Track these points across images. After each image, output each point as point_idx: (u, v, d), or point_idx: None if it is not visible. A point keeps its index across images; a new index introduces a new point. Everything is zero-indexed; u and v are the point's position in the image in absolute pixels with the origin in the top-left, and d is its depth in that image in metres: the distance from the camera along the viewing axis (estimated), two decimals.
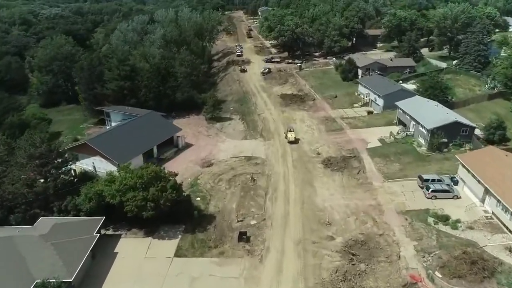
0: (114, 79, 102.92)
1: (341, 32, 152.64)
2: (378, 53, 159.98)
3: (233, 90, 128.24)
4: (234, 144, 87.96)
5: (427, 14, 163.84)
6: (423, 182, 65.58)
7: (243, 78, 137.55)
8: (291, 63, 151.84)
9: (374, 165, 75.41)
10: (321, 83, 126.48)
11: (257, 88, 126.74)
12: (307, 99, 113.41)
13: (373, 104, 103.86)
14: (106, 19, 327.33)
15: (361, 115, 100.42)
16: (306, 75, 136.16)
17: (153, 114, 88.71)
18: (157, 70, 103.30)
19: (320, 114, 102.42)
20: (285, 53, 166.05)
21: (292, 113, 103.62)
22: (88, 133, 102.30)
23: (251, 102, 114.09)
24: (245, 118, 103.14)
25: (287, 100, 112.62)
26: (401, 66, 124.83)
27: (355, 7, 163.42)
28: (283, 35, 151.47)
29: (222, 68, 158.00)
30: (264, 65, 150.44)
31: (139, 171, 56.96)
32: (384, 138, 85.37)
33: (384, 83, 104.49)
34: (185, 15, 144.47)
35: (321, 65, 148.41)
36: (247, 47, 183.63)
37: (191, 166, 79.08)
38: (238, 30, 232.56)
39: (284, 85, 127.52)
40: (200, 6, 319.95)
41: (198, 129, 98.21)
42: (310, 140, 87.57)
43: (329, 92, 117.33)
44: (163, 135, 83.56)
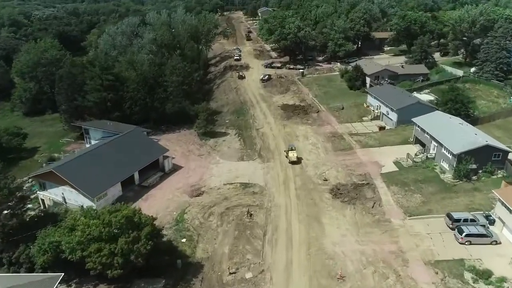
0: (96, 90, 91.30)
1: (346, 35, 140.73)
2: (386, 57, 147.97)
3: (230, 99, 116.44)
4: (228, 166, 76.24)
5: (438, 16, 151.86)
6: (453, 222, 53.96)
7: (241, 86, 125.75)
8: (293, 68, 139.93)
9: (391, 195, 63.74)
10: (326, 92, 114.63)
11: (256, 97, 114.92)
12: (311, 111, 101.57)
13: (385, 118, 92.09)
14: (103, 19, 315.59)
15: (372, 130, 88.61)
16: (309, 82, 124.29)
17: (136, 132, 76.99)
18: (143, 79, 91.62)
19: (325, 129, 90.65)
20: (286, 57, 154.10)
21: (295, 128, 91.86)
22: (67, 150, 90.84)
23: (249, 114, 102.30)
24: (242, 133, 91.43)
25: (288, 112, 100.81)
26: (413, 74, 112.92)
27: (361, 9, 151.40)
28: (284, 39, 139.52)
29: (219, 74, 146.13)
30: (263, 71, 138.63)
31: (107, 216, 45.25)
32: (400, 160, 73.63)
33: (397, 94, 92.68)
34: (179, 18, 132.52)
35: (325, 71, 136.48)
36: (245, 51, 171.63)
37: (177, 195, 67.43)
38: (237, 32, 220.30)
39: (286, 94, 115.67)
40: (198, 7, 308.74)
41: (188, 147, 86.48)
42: (316, 162, 75.83)
43: (334, 102, 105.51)
44: (147, 157, 71.88)
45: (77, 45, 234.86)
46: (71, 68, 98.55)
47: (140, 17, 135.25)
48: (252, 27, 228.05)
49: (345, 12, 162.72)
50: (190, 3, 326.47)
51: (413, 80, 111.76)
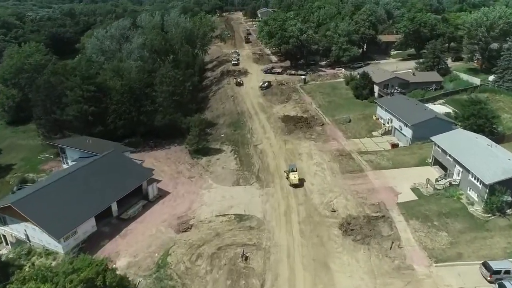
0: (76, 102, 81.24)
1: (351, 39, 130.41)
2: (393, 62, 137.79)
3: (226, 109, 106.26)
4: (222, 192, 66.12)
5: (448, 19, 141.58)
6: (492, 274, 43.91)
7: (238, 94, 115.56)
8: (294, 74, 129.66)
9: (412, 233, 53.66)
10: (330, 102, 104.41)
11: (255, 107, 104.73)
12: (315, 123, 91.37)
13: (397, 133, 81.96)
14: (99, 20, 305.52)
15: (383, 148, 78.41)
16: (312, 90, 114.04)
17: (117, 153, 66.84)
18: (129, 90, 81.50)
19: (331, 145, 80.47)
20: (286, 61, 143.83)
21: (297, 144, 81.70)
22: (43, 169, 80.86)
23: (246, 128, 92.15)
24: (238, 150, 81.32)
25: (290, 125, 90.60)
26: (425, 82, 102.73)
27: (366, 10, 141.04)
28: (286, 42, 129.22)
29: (216, 80, 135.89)
30: (263, 77, 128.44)
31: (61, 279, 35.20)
32: (419, 186, 63.50)
33: (410, 106, 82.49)
34: (172, 20, 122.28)
35: (329, 77, 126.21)
36: (244, 54, 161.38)
37: (162, 230, 57.38)
38: (236, 34, 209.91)
39: (287, 104, 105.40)
40: (196, 7, 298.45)
41: (178, 167, 76.38)
42: (321, 187, 65.70)
43: (340, 114, 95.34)
44: (128, 184, 61.83)
45: (72, 47, 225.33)
46: (50, 76, 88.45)
47: (131, 19, 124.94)
48: (252, 28, 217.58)
49: (349, 14, 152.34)
50: (188, 3, 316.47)
51: (425, 89, 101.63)
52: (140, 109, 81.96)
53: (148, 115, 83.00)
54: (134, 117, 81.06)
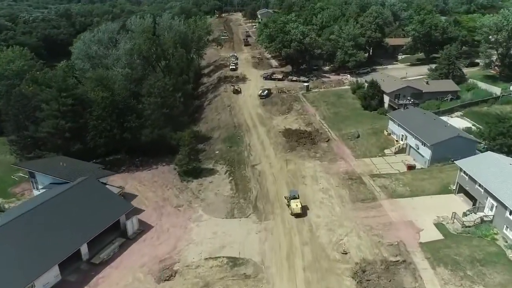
0: (52, 117, 71.44)
1: (357, 42, 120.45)
2: (401, 67, 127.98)
3: (222, 121, 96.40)
4: (213, 227, 56.34)
5: (461, 21, 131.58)
6: None
7: (236, 103, 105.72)
8: (296, 80, 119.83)
9: (442, 286, 43.81)
10: (336, 113, 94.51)
11: (253, 118, 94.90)
12: (320, 138, 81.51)
13: (413, 151, 72.12)
14: (96, 21, 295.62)
15: (398, 170, 68.48)
16: (316, 99, 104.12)
17: (91, 182, 56.95)
18: (110, 104, 71.68)
19: (339, 166, 70.61)
20: (287, 66, 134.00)
21: (300, 164, 71.86)
22: (15, 192, 71.06)
23: (243, 143, 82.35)
24: (233, 172, 71.52)
25: (292, 141, 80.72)
26: (440, 92, 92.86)
27: (372, 12, 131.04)
28: (287, 46, 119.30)
29: (212, 86, 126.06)
30: (262, 83, 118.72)
31: None
32: (443, 221, 53.78)
33: (428, 122, 72.57)
34: (165, 23, 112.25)
35: (333, 84, 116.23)
36: (243, 58, 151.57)
37: (140, 277, 47.60)
38: (235, 36, 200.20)
39: (288, 115, 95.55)
40: (195, 8, 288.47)
41: (165, 192, 66.55)
42: (329, 220, 55.92)
43: (348, 127, 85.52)
44: (104, 219, 52.11)
45: (66, 49, 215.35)
46: (26, 86, 78.77)
47: (121, 22, 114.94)
48: (251, 30, 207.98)
49: (354, 16, 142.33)
50: (186, 4, 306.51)
51: (440, 100, 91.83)
52: (124, 125, 72.04)
53: (133, 131, 73.13)
54: (116, 134, 71.21)
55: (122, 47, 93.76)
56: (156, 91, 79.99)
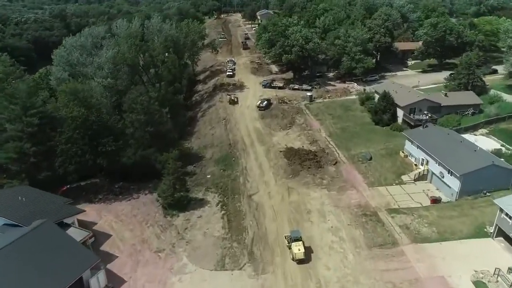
0: (15, 139, 60.55)
1: (365, 48, 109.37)
2: (412, 74, 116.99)
3: (216, 136, 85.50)
4: (199, 284, 45.39)
5: (477, 24, 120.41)
6: None
7: (232, 115, 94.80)
8: (298, 89, 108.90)
9: None
10: (344, 129, 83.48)
11: (251, 134, 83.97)
12: (326, 161, 70.52)
13: (436, 179, 61.17)
14: (92, 22, 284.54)
15: (420, 204, 57.46)
16: (320, 111, 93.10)
17: (49, 227, 45.92)
18: (82, 124, 60.72)
19: (350, 197, 59.69)
20: (289, 72, 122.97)
21: (305, 194, 60.97)
22: None
23: (239, 166, 71.41)
24: (227, 203, 60.61)
25: (295, 163, 69.68)
26: (460, 105, 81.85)
27: (381, 14, 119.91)
28: (288, 52, 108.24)
29: (207, 95, 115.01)
30: (261, 92, 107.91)
31: None
32: (484, 278, 42.92)
33: (453, 145, 61.62)
34: (154, 27, 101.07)
35: (339, 93, 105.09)
36: (241, 63, 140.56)
37: None
38: (233, 38, 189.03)
39: (290, 130, 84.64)
40: (192, 9, 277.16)
41: (144, 231, 55.50)
42: (342, 274, 45.01)
43: (358, 147, 74.56)
44: (61, 278, 41.15)
45: None
46: None
47: (105, 26, 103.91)
48: (250, 32, 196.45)
49: (360, 18, 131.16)
50: (185, 5, 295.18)
51: (460, 114, 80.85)
52: (98, 149, 61.09)
53: (110, 156, 62.15)
54: (89, 160, 60.24)
55: (103, 55, 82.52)
56: (139, 106, 68.96)
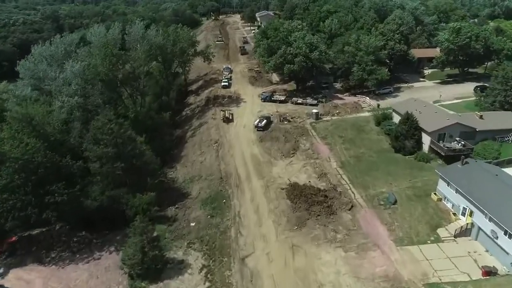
0: None
1: (377, 56, 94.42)
2: (430, 86, 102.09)
3: (206, 166, 70.78)
4: None
5: (505, 30, 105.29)
6: None
7: (225, 137, 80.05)
8: (302, 103, 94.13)
9: None
10: (358, 157, 68.59)
11: (247, 163, 69.18)
12: (339, 204, 55.72)
13: (484, 237, 46.38)
14: (85, 23, 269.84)
15: (468, 276, 42.58)
16: (329, 132, 78.31)
17: None
18: (23, 167, 46.00)
19: (374, 263, 44.91)
20: (291, 82, 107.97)
21: (314, 257, 46.25)
22: None
23: (231, 211, 56.65)
24: (212, 270, 45.95)
25: (300, 207, 54.91)
26: (499, 130, 66.86)
27: (395, 18, 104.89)
28: (290, 62, 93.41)
29: (199, 109, 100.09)
30: (260, 107, 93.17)
31: None
32: None
33: (507, 191, 46.73)
34: (136, 34, 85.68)
35: (349, 108, 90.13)
36: (238, 71, 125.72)
37: None
38: (230, 42, 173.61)
39: (293, 158, 69.80)
40: (189, 10, 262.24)
41: None
42: None
43: (376, 183, 59.84)
44: None
45: None
46: None
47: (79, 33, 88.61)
48: (249, 35, 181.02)
49: (371, 21, 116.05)
50: (181, 6, 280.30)
51: (499, 141, 65.95)
52: (46, 199, 46.37)
53: (63, 206, 47.44)
54: (32, 214, 45.48)
55: (67, 69, 67.51)
56: (105, 137, 54.29)
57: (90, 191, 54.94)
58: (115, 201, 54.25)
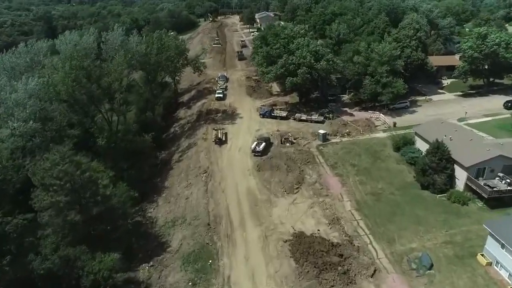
0: None
1: (394, 67, 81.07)
2: (451, 99, 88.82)
3: (191, 205, 57.56)
4: None
5: None
6: None
7: (216, 164, 66.93)
8: (306, 120, 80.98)
9: None
10: (377, 194, 55.40)
11: (241, 202, 56.04)
12: (358, 266, 42.60)
13: None
14: (79, 24, 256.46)
15: None
16: (339, 158, 65.16)
17: None
18: None
19: None
20: (293, 94, 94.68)
21: None
22: None
23: (218, 276, 43.48)
24: None
25: (309, 269, 41.96)
26: None
27: (412, 22, 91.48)
28: (292, 73, 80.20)
29: (188, 125, 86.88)
30: (259, 125, 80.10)
31: None
32: None
33: None
34: (113, 42, 71.87)
35: (360, 127, 76.85)
36: (235, 78, 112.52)
37: None
38: (228, 46, 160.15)
39: (298, 195, 56.72)
40: (185, 11, 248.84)
41: None
42: None
43: (403, 232, 46.85)
44: None
45: None
46: None
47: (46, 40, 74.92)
48: (248, 38, 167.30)
49: (382, 25, 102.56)
50: (178, 6, 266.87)
51: None
52: None
53: None
54: None
55: (20, 88, 54.23)
56: (56, 182, 41.16)
57: (43, 245, 42.20)
58: (68, 264, 41.21)
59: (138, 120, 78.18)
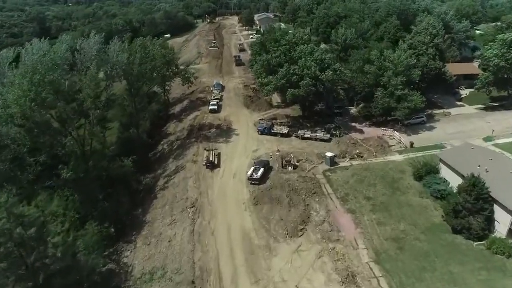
0: None
1: (410, 78, 70.61)
2: (472, 113, 78.40)
3: (173, 252, 47.17)
4: None
5: None
6: None
7: (206, 195, 56.63)
8: (310, 138, 70.71)
9: None
10: (398, 240, 44.95)
11: (234, 250, 45.66)
12: None
13: None
14: (74, 25, 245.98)
15: None
16: (350, 188, 54.82)
17: None
18: None
19: None
20: (295, 106, 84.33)
21: None
22: None
23: None
24: None
25: None
26: None
27: (427, 26, 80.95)
28: (294, 85, 69.79)
29: (178, 143, 76.43)
30: (256, 144, 69.76)
31: None
32: None
33: None
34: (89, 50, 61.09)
35: (373, 147, 66.48)
36: (231, 87, 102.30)
37: None
38: (225, 50, 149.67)
39: (302, 238, 46.38)
40: (182, 12, 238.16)
41: None
42: None
43: None
44: None
45: None
46: None
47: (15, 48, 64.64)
48: (247, 41, 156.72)
49: (393, 30, 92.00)
50: (175, 7, 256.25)
51: None
52: None
53: None
54: None
55: None
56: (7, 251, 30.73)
57: None
58: None
59: (121, 138, 67.75)
